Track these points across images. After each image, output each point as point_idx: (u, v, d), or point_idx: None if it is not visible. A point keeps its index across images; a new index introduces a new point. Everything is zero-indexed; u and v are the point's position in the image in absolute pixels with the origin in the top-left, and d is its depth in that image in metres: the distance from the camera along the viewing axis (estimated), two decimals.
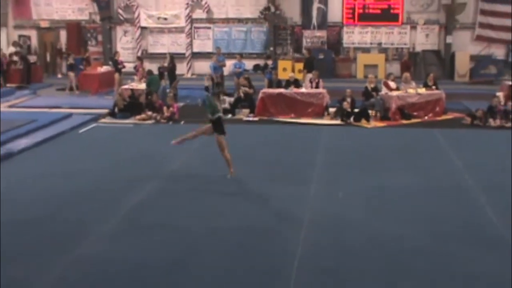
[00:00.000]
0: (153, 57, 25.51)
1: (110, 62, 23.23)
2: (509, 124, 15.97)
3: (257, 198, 10.11)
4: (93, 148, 13.98)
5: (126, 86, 19.45)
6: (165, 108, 17.08)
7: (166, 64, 20.73)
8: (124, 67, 22.03)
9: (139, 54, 25.30)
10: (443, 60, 24.61)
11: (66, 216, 9.22)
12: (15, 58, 23.21)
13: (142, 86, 19.08)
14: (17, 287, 6.80)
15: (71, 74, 22.41)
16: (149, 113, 17.10)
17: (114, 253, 7.82)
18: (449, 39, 24.54)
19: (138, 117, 17.09)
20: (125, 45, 26.56)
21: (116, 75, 21.70)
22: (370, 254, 7.77)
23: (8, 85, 22.06)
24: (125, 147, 13.97)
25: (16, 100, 20.20)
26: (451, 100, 18.37)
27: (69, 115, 17.10)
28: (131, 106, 17.67)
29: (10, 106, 19.08)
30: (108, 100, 19.45)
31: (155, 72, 20.17)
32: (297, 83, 18.53)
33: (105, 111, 17.75)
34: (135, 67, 21.77)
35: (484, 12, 24.33)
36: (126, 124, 16.68)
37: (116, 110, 17.49)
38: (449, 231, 8.58)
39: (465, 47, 24.55)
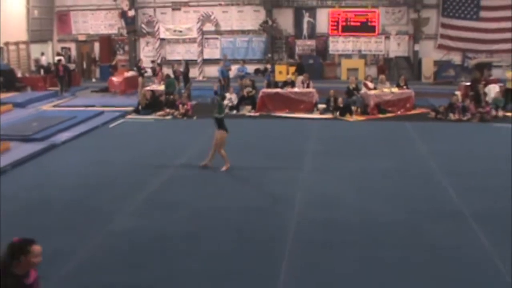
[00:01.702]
0: (170, 63, 25.35)
1: (135, 68, 23.09)
2: (465, 118, 15.93)
3: (256, 182, 10.06)
4: (121, 139, 13.92)
5: (148, 88, 19.37)
6: (180, 105, 17.02)
7: (181, 69, 20.60)
8: (146, 72, 21.90)
9: (158, 61, 25.15)
10: (412, 65, 24.51)
11: (100, 196, 9.21)
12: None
13: (161, 87, 19.01)
14: (64, 254, 6.80)
15: (140, 79, 21.31)
16: (167, 110, 17.05)
17: (140, 227, 7.81)
18: (416, 47, 24.46)
19: (158, 113, 17.03)
20: (147, 53, 26.40)
21: (140, 79, 21.57)
22: (353, 227, 7.76)
23: (56, 88, 21.87)
24: (147, 139, 13.92)
25: (59, 101, 20.14)
26: (419, 97, 18.25)
27: (102, 113, 17.02)
28: (152, 104, 17.61)
29: (55, 106, 19.02)
30: (133, 100, 19.37)
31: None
32: (292, 84, 18.43)
33: (131, 108, 17.69)
34: (154, 71, 21.62)
35: (444, 25, 24.33)
36: (148, 119, 16.60)
37: (140, 107, 17.44)
38: (417, 207, 8.57)
39: (430, 54, 24.46)
